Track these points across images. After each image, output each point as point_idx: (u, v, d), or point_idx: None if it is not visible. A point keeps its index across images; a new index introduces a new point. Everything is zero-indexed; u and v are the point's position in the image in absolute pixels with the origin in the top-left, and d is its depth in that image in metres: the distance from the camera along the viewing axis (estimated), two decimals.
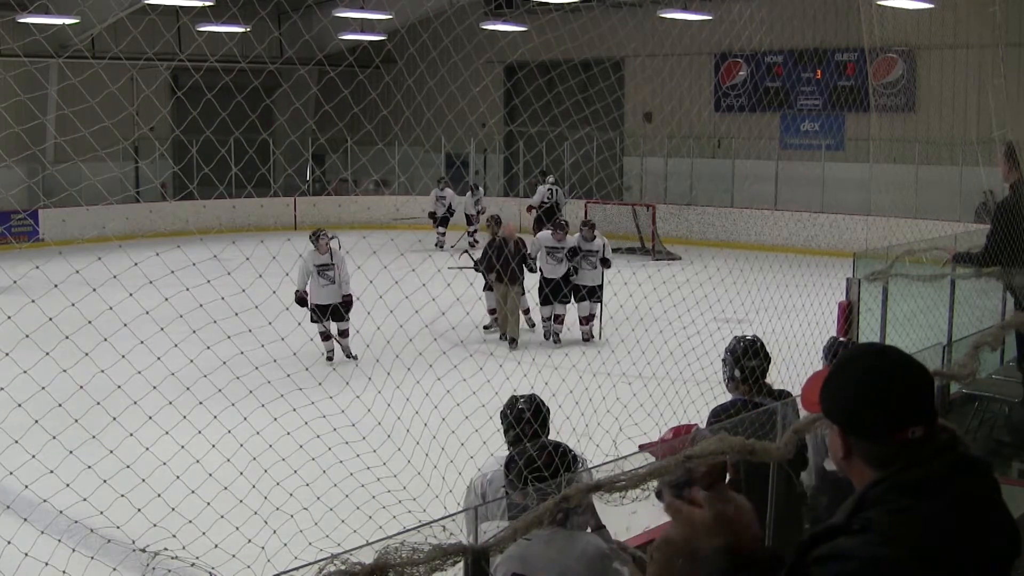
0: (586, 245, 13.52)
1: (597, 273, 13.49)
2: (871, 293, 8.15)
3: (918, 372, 1.94)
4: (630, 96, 24.93)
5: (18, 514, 5.38)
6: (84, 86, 6.27)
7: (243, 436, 5.94)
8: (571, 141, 21.60)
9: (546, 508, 3.16)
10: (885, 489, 1.84)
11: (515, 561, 3.56)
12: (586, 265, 13.52)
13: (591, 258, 13.56)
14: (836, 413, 1.97)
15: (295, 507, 5.40)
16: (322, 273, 12.42)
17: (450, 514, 3.58)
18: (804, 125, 23.58)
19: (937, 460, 1.87)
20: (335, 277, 12.43)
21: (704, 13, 19.44)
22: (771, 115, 23.64)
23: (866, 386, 1.94)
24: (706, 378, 9.33)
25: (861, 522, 1.81)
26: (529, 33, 16.62)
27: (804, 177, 22.73)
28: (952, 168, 19.14)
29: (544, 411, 5.02)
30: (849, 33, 17.09)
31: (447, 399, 6.13)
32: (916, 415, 1.89)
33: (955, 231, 12.91)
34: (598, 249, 13.51)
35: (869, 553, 1.76)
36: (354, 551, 2.92)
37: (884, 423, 1.90)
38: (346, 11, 19.03)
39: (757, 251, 18.03)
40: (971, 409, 7.70)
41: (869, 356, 2.05)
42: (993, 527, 1.87)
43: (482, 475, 4.76)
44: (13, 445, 4.91)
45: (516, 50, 14.42)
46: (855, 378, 1.97)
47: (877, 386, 1.93)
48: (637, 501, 3.44)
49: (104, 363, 5.12)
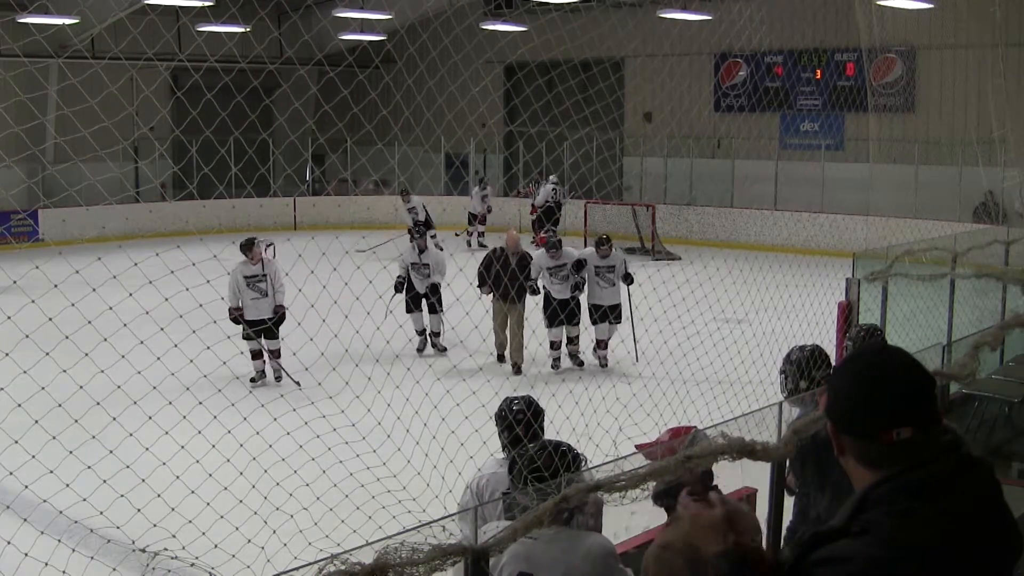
0: (600, 260, 12.12)
1: (615, 291, 12.10)
2: (871, 293, 8.15)
3: (914, 374, 1.92)
4: (630, 96, 24.95)
5: (18, 514, 5.38)
6: (84, 86, 6.27)
7: (243, 436, 5.94)
8: (571, 141, 21.60)
9: (546, 508, 3.16)
10: (886, 491, 1.84)
11: (520, 560, 3.56)
12: (602, 282, 12.08)
13: (607, 274, 12.10)
14: (829, 409, 1.97)
15: (295, 507, 5.40)
16: (252, 285, 11.07)
17: (450, 514, 3.58)
18: (804, 125, 23.58)
19: (939, 462, 1.86)
20: (267, 289, 11.11)
21: (704, 13, 19.44)
22: (771, 115, 23.63)
23: (857, 384, 1.93)
24: (706, 378, 9.35)
25: (862, 524, 1.81)
26: (529, 33, 16.64)
27: (804, 177, 22.73)
28: (951, 168, 19.14)
29: (541, 412, 5.01)
30: (849, 33, 17.12)
31: (447, 399, 6.13)
32: (904, 417, 1.86)
33: (954, 231, 12.91)
34: (615, 264, 12.11)
35: (870, 555, 1.76)
36: (354, 551, 2.92)
37: (870, 422, 1.88)
38: (346, 11, 19.03)
39: (757, 251, 18.05)
40: (971, 409, 7.69)
41: (870, 355, 2.05)
42: (995, 529, 1.87)
43: (480, 475, 4.75)
44: (13, 445, 4.91)
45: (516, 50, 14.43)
46: (850, 376, 1.97)
47: (867, 385, 1.92)
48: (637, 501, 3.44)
49: (104, 363, 5.12)
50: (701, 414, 7.49)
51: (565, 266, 11.99)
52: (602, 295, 11.99)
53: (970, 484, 1.86)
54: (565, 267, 11.98)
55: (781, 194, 23.16)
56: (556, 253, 11.98)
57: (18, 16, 11.99)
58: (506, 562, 3.54)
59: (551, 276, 12.02)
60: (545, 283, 12.11)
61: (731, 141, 23.40)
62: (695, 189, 24.05)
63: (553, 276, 12.02)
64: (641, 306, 9.67)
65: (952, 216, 18.29)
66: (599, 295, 12.01)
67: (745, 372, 8.63)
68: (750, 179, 23.16)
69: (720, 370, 9.10)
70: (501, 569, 3.55)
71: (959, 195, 18.96)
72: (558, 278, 11.99)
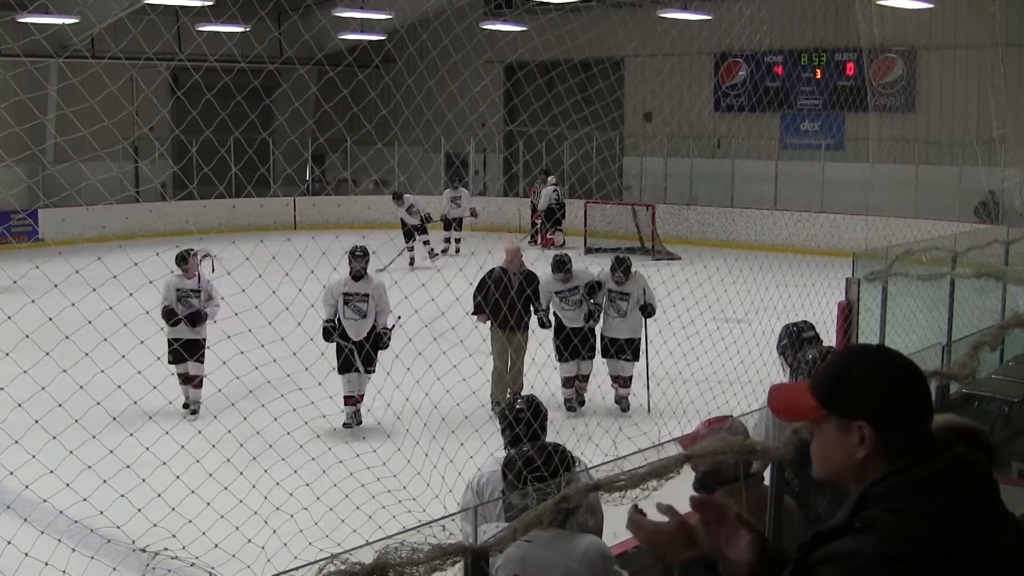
0: (615, 286, 10.22)
1: (630, 324, 10.08)
2: (871, 293, 8.15)
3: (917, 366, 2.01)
4: (630, 96, 24.94)
5: (18, 514, 5.38)
6: (84, 86, 6.28)
7: (243, 436, 5.94)
8: (571, 141, 21.58)
9: (545, 508, 3.16)
10: (886, 488, 1.85)
11: (515, 563, 3.56)
12: (612, 311, 10.14)
13: (620, 302, 10.11)
14: (863, 409, 1.94)
15: (295, 507, 5.41)
16: (184, 300, 9.42)
17: (450, 514, 3.59)
18: (804, 125, 23.57)
19: (937, 459, 1.88)
20: (199, 306, 9.45)
21: (704, 13, 19.44)
22: (771, 115, 23.62)
23: (892, 377, 1.95)
24: (705, 378, 9.35)
25: (863, 520, 1.82)
26: (529, 33, 16.63)
27: (804, 177, 22.72)
28: (952, 168, 19.14)
29: (543, 412, 5.00)
30: (849, 33, 17.09)
31: (447, 399, 6.14)
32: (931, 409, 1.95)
33: (955, 231, 12.92)
34: (631, 292, 10.10)
35: (873, 551, 1.77)
36: (354, 551, 2.92)
37: (917, 408, 1.94)
38: (346, 11, 19.02)
39: (757, 251, 18.03)
40: (970, 409, 7.69)
41: (874, 352, 2.07)
42: (996, 526, 1.88)
43: (480, 475, 4.75)
44: (13, 445, 4.91)
45: (516, 50, 14.40)
46: (877, 371, 1.97)
47: (901, 375, 1.95)
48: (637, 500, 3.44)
49: (104, 363, 5.12)
50: (701, 414, 7.50)
51: (577, 289, 10.19)
52: (614, 327, 10.10)
53: (969, 481, 1.87)
54: (577, 290, 10.19)
55: (781, 194, 23.16)
56: (566, 276, 10.16)
57: (18, 16, 11.97)
58: (501, 565, 3.53)
59: (561, 301, 10.24)
60: (555, 309, 10.32)
61: (731, 141, 23.40)
62: (695, 189, 24.05)
63: (564, 301, 10.23)
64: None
65: (952, 216, 18.29)
66: (612, 326, 10.13)
67: (745, 372, 8.63)
68: (750, 179, 23.17)
69: (720, 370, 9.11)
70: (496, 572, 3.54)
71: (959, 195, 18.96)
72: (569, 303, 10.21)
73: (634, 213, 22.32)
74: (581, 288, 10.18)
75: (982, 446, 2.63)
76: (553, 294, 10.23)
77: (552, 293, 10.23)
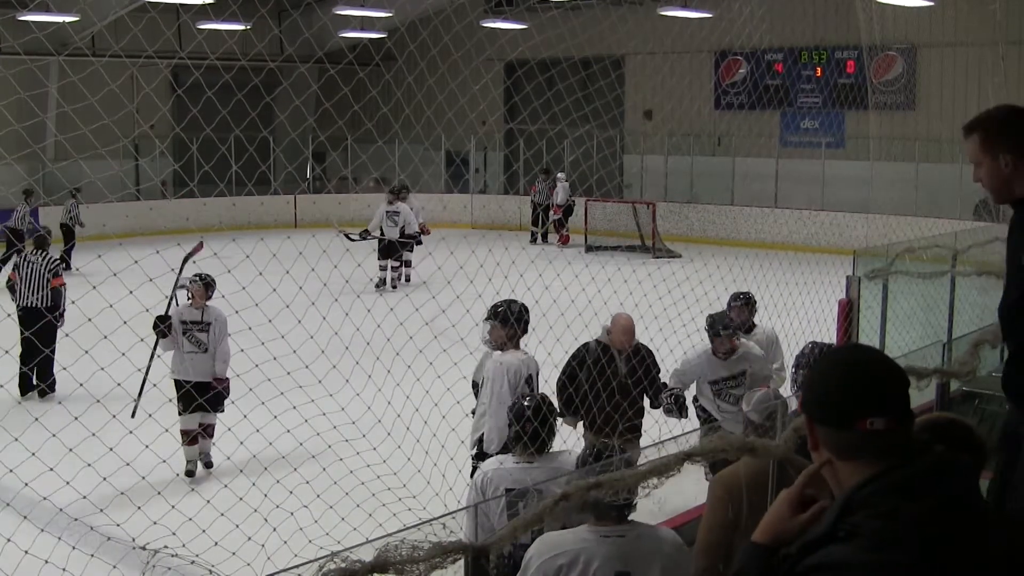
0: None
1: None
2: (871, 291, 8.14)
3: (886, 367, 1.95)
4: (630, 94, 24.92)
5: (18, 512, 5.38)
6: (84, 84, 6.28)
7: (242, 434, 5.94)
8: (571, 139, 21.57)
9: (545, 507, 3.17)
10: (869, 492, 1.84)
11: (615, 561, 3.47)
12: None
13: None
14: (804, 402, 2.00)
15: (295, 505, 5.41)
16: (189, 335, 7.80)
17: (450, 512, 3.59)
18: (804, 123, 23.56)
19: (918, 460, 1.87)
20: (209, 342, 7.85)
21: (704, 11, 19.41)
22: (771, 113, 23.61)
23: (832, 372, 1.96)
24: None
25: (848, 527, 1.81)
26: (529, 31, 16.63)
27: (804, 175, 22.72)
28: (952, 166, 19.11)
29: (553, 411, 4.94)
30: (849, 31, 17.10)
31: (447, 397, 6.13)
32: (877, 406, 1.88)
33: (955, 229, 12.90)
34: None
35: (861, 560, 1.76)
36: (354, 549, 2.92)
37: (844, 409, 1.90)
38: (346, 9, 18.99)
39: (757, 249, 17.99)
40: (971, 407, 7.69)
41: (842, 351, 2.12)
42: (981, 526, 1.87)
43: (483, 472, 4.75)
44: (13, 443, 4.92)
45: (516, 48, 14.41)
46: (825, 366, 2.01)
47: (841, 371, 1.95)
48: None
49: (104, 361, 5.12)
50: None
51: (743, 376, 6.79)
52: None
53: (952, 483, 1.87)
54: (742, 378, 6.77)
55: (781, 192, 23.16)
56: (729, 350, 6.77)
57: (19, 14, 11.97)
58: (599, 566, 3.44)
59: (716, 395, 6.84)
60: (707, 405, 7.00)
61: (731, 139, 23.39)
62: (695, 187, 24.04)
63: (720, 395, 6.83)
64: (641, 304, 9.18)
65: (953, 214, 18.29)
66: None
67: None
68: (750, 177, 23.16)
69: None
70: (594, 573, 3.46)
71: (960, 193, 18.93)
72: (730, 399, 6.73)
73: (634, 211, 22.32)
74: (749, 372, 6.83)
75: (970, 444, 2.63)
76: (706, 383, 6.91)
77: (705, 381, 6.93)
